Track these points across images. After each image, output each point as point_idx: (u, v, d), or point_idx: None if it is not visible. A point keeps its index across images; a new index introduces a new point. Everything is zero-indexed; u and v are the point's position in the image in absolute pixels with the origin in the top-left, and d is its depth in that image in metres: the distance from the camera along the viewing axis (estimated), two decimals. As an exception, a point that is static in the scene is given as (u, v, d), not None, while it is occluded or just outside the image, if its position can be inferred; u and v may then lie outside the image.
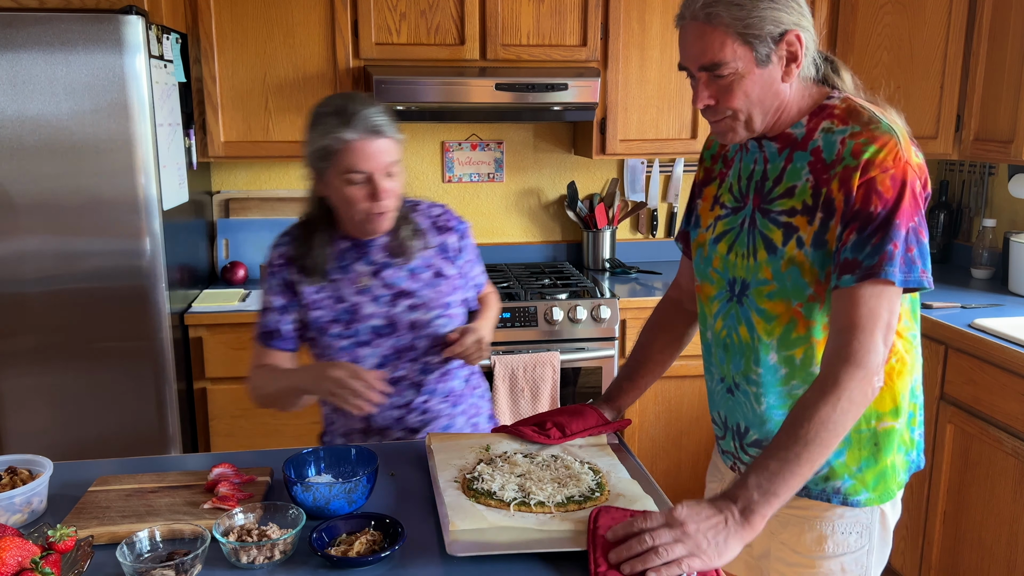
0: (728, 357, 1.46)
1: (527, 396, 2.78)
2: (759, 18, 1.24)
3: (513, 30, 2.91)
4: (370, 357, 1.69)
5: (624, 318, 2.88)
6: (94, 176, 2.37)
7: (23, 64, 2.28)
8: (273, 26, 2.81)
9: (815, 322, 1.33)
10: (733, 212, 1.43)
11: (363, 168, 1.56)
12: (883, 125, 1.27)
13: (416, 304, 1.70)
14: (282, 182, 3.29)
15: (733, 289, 1.43)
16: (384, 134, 1.57)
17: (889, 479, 1.41)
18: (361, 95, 1.62)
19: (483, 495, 1.31)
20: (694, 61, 1.29)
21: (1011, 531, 2.27)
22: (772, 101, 1.31)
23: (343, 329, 1.68)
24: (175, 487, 1.40)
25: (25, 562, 1.07)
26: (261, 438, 2.77)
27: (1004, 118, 2.68)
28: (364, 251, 1.70)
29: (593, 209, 3.34)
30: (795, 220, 1.32)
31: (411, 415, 1.73)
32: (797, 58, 1.28)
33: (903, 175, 1.24)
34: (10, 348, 2.43)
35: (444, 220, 1.77)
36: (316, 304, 1.69)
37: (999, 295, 2.85)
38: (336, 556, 1.18)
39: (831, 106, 1.32)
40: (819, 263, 1.30)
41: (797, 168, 1.32)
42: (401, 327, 1.69)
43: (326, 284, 1.69)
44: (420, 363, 1.71)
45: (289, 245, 1.72)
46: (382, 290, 1.69)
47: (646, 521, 1.15)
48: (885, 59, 2.97)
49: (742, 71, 1.27)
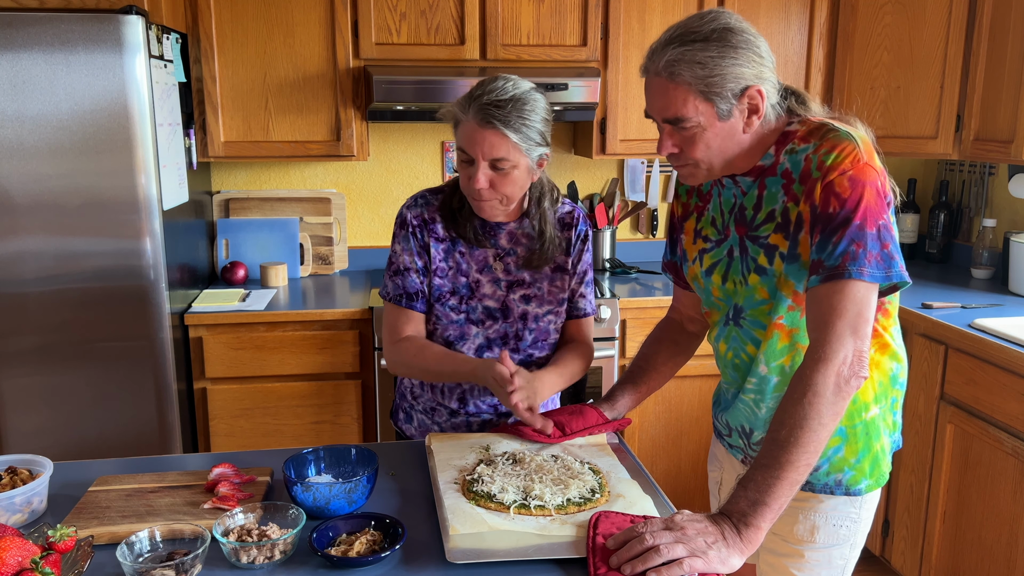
0: (740, 376, 1.51)
1: (527, 396, 2.78)
2: (720, 76, 1.27)
3: (513, 30, 2.91)
4: (477, 337, 1.70)
5: (624, 318, 2.88)
6: (94, 176, 2.37)
7: (23, 64, 2.28)
8: (273, 26, 2.81)
9: (798, 329, 1.38)
10: (716, 245, 1.49)
11: (467, 150, 1.57)
12: (841, 132, 1.31)
13: (530, 295, 1.71)
14: (282, 182, 3.29)
15: (729, 314, 1.48)
16: (493, 126, 1.53)
17: (881, 462, 1.47)
18: (524, 83, 1.59)
19: (483, 498, 1.31)
20: (658, 113, 1.35)
21: (1011, 531, 2.27)
22: (734, 149, 1.35)
23: (459, 303, 1.69)
24: (175, 487, 1.40)
25: (25, 562, 1.07)
26: (261, 438, 2.77)
27: (1004, 118, 2.68)
28: (492, 233, 1.71)
29: (593, 209, 3.34)
30: (772, 239, 1.37)
31: None
32: (759, 110, 1.32)
33: (861, 175, 1.26)
34: (10, 348, 2.43)
35: (570, 217, 1.76)
36: (440, 271, 1.70)
37: (999, 295, 2.85)
38: (336, 556, 1.18)
39: (792, 131, 1.36)
40: (794, 275, 1.34)
41: (772, 192, 1.37)
42: (513, 314, 1.70)
43: (453, 254, 1.70)
44: (523, 354, 1.73)
45: (425, 208, 1.71)
46: (502, 275, 1.70)
47: (646, 525, 1.16)
48: (885, 59, 2.97)
49: (704, 124, 1.31)
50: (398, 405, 1.87)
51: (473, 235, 1.69)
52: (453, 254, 1.70)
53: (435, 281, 1.70)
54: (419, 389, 1.80)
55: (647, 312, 2.89)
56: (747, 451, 1.55)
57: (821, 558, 1.49)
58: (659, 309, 2.89)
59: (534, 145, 1.57)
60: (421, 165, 3.34)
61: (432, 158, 3.34)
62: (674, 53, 1.28)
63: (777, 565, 1.53)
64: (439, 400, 1.77)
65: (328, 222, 3.26)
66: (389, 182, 3.34)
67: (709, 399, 2.99)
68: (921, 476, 2.60)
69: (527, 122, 1.54)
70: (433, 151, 3.34)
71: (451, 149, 3.32)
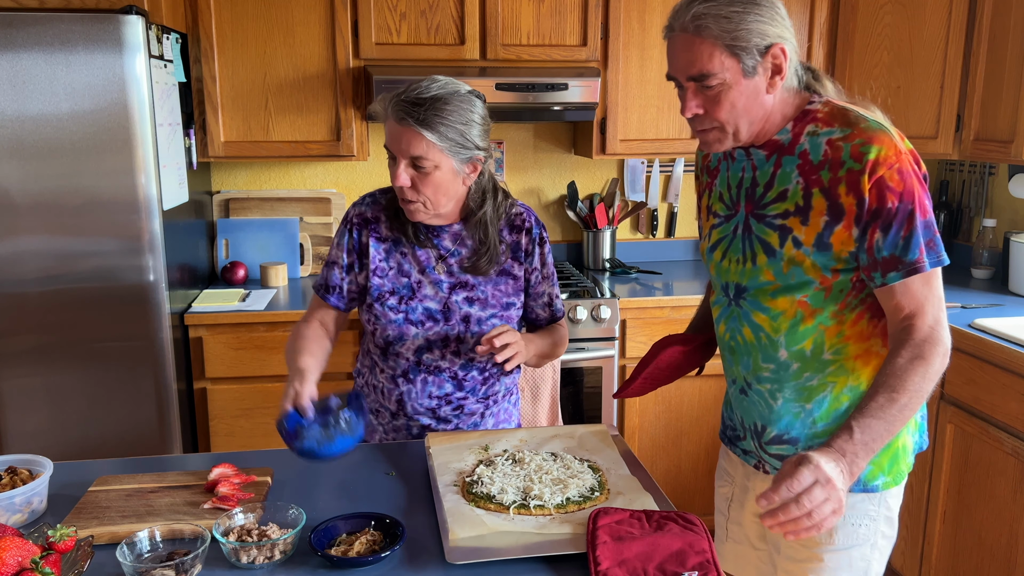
0: (735, 359, 1.49)
1: (527, 396, 2.78)
2: (746, 31, 1.27)
3: (513, 30, 2.91)
4: (417, 338, 1.69)
5: (624, 318, 2.88)
6: (94, 176, 2.37)
7: (23, 64, 2.28)
8: (273, 26, 2.81)
9: (822, 310, 1.36)
10: (725, 220, 1.47)
11: (389, 147, 1.58)
12: (872, 123, 1.31)
13: (473, 298, 1.70)
14: (282, 182, 3.29)
15: (728, 293, 1.47)
16: (408, 123, 1.54)
17: (900, 460, 1.45)
18: (455, 83, 1.62)
19: (482, 499, 1.31)
20: (682, 71, 1.33)
21: (1011, 531, 2.27)
22: (758, 111, 1.34)
23: (398, 303, 1.69)
24: (175, 487, 1.40)
25: (25, 562, 1.07)
26: (261, 438, 2.77)
27: (1004, 118, 2.68)
28: (435, 234, 1.71)
29: (593, 209, 3.34)
30: (788, 222, 1.35)
31: (445, 407, 1.73)
32: (781, 70, 1.32)
33: (905, 166, 1.28)
34: (10, 348, 2.43)
35: (521, 220, 1.75)
36: (380, 271, 1.70)
37: (999, 295, 2.85)
38: (336, 556, 1.18)
39: (814, 111, 1.36)
40: (821, 261, 1.33)
41: (787, 172, 1.36)
42: (454, 316, 1.69)
43: (395, 254, 1.70)
44: (464, 357, 1.71)
45: (371, 207, 1.73)
46: (445, 276, 1.70)
47: (796, 482, 1.14)
48: (885, 59, 2.97)
49: (729, 82, 1.30)
50: None
51: (415, 234, 1.69)
52: (394, 254, 1.70)
53: (375, 281, 1.69)
54: (366, 389, 1.80)
55: (647, 312, 2.89)
56: (760, 453, 1.51)
57: (841, 560, 1.45)
58: (659, 309, 2.89)
59: (456, 147, 1.56)
60: (421, 165, 3.33)
61: (432, 158, 3.34)
62: (700, 7, 1.28)
63: (796, 572, 1.49)
64: (381, 401, 1.76)
65: (328, 222, 3.26)
66: (389, 182, 3.33)
67: (709, 399, 2.99)
68: (921, 476, 2.60)
69: (446, 122, 1.54)
70: (433, 151, 3.33)
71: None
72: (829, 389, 1.40)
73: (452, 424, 1.75)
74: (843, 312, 1.37)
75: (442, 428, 1.74)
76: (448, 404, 1.73)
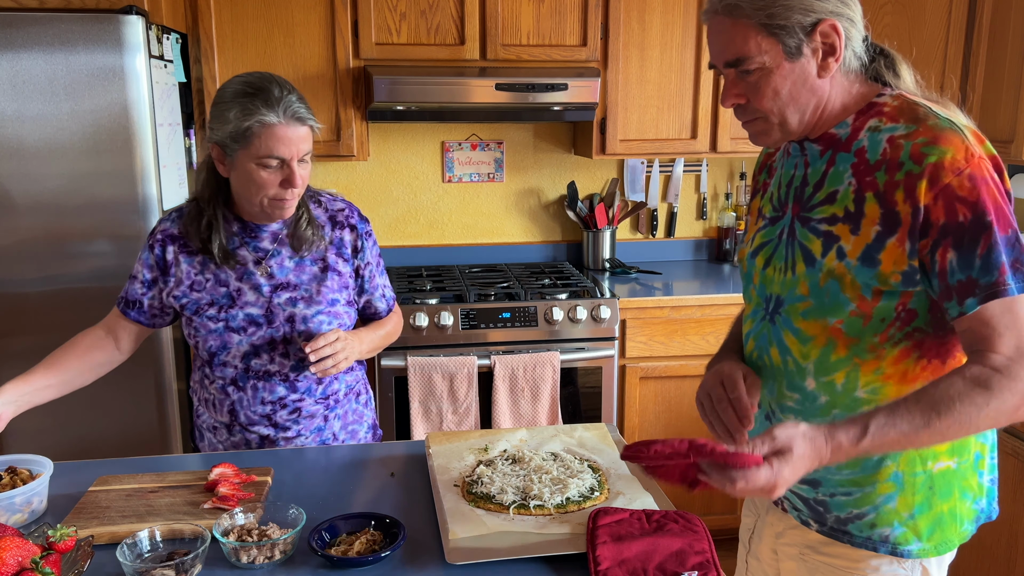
0: (763, 381, 1.32)
1: (527, 396, 2.78)
2: (784, 6, 1.12)
3: (513, 30, 2.91)
4: (241, 344, 1.65)
5: (624, 318, 2.88)
6: (94, 176, 2.37)
7: (23, 64, 2.28)
8: (273, 26, 2.81)
9: (858, 340, 1.19)
10: (771, 223, 1.31)
11: (281, 153, 1.53)
12: (942, 120, 1.13)
13: (297, 297, 1.67)
14: (282, 182, 3.28)
15: (768, 307, 1.30)
16: (305, 121, 1.55)
17: (947, 527, 1.24)
18: (278, 77, 1.58)
19: (482, 499, 1.31)
20: (719, 57, 1.19)
21: (1011, 531, 2.27)
22: (808, 98, 1.18)
23: (217, 312, 1.65)
24: (175, 487, 1.40)
25: (25, 562, 1.07)
26: (261, 438, 2.77)
27: (1004, 118, 2.68)
28: (253, 235, 1.67)
29: (593, 209, 3.34)
30: (835, 228, 1.19)
31: (282, 411, 1.69)
32: (835, 50, 1.15)
33: (981, 172, 1.09)
34: (10, 348, 2.43)
35: (344, 216, 1.74)
36: (196, 285, 1.66)
37: (999, 295, 2.84)
38: (336, 556, 1.18)
39: (881, 103, 1.19)
40: (863, 278, 1.16)
41: (839, 171, 1.20)
42: (278, 319, 1.66)
43: (209, 265, 1.66)
44: (294, 359, 1.67)
45: (175, 222, 1.69)
46: (265, 279, 1.66)
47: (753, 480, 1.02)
48: (885, 59, 2.96)
49: (769, 65, 1.15)
50: (195, 424, 1.84)
51: (223, 255, 1.64)
52: (209, 265, 1.66)
53: (192, 296, 1.66)
54: (201, 408, 1.77)
55: (647, 312, 2.89)
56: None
57: None
58: (659, 309, 2.89)
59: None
60: (421, 165, 3.34)
61: (432, 158, 3.34)
62: None
63: None
64: (216, 417, 1.73)
65: (328, 222, 3.26)
66: (389, 182, 3.34)
67: (709, 399, 2.98)
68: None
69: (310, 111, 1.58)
70: (433, 151, 3.34)
71: (451, 149, 3.33)
72: None
73: (293, 431, 1.70)
74: (883, 346, 1.18)
75: (283, 437, 1.69)
76: (283, 408, 1.69)
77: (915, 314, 1.17)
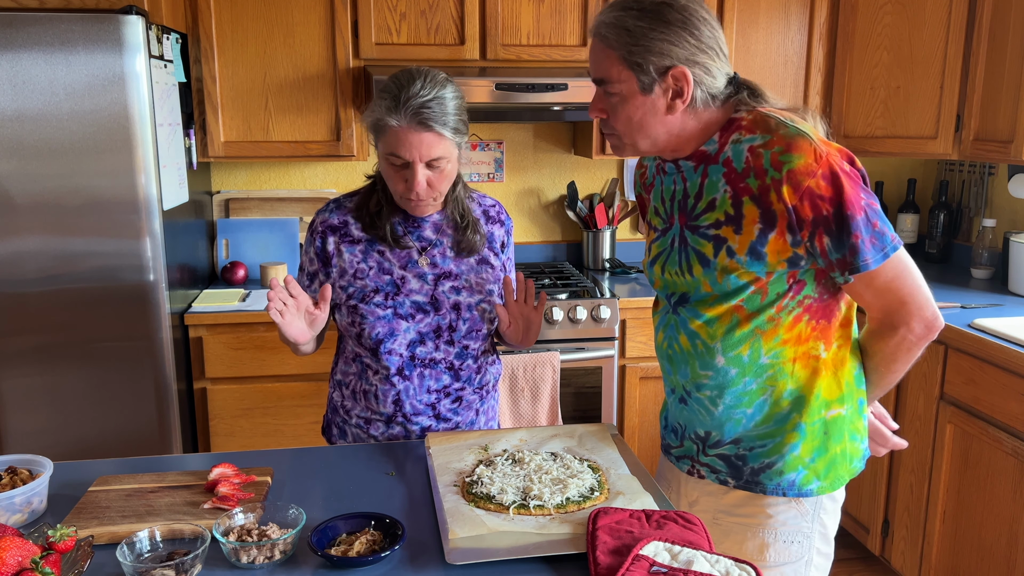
0: (673, 368, 1.48)
1: (527, 396, 2.78)
2: (644, 48, 1.28)
3: (513, 30, 2.91)
4: (409, 331, 1.68)
5: (624, 318, 2.88)
6: (94, 176, 2.37)
7: (23, 64, 2.28)
8: (273, 26, 2.81)
9: (758, 314, 1.35)
10: (663, 234, 1.47)
11: (403, 155, 1.55)
12: (791, 128, 1.29)
13: (459, 286, 1.70)
14: (282, 182, 3.29)
15: (671, 302, 1.47)
16: (430, 128, 1.53)
17: (839, 466, 1.43)
18: (438, 75, 1.58)
19: (482, 499, 1.31)
20: (591, 72, 1.37)
21: (1011, 531, 2.27)
22: (658, 129, 1.34)
23: (384, 299, 1.67)
24: (175, 487, 1.40)
25: (25, 562, 1.07)
26: (261, 438, 2.77)
27: (1004, 118, 2.68)
28: (416, 225, 1.70)
29: (593, 209, 3.34)
30: (722, 231, 1.34)
31: (445, 400, 1.72)
32: (683, 94, 1.30)
33: (831, 167, 1.26)
34: (10, 348, 2.43)
35: (496, 212, 1.80)
36: (360, 273, 1.68)
37: (999, 295, 2.85)
38: (336, 556, 1.18)
39: (739, 118, 1.34)
40: (756, 268, 1.32)
41: (713, 181, 1.35)
42: (444, 306, 1.69)
43: (372, 253, 1.69)
44: (458, 346, 1.71)
45: (335, 213, 1.71)
46: (428, 268, 1.70)
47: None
48: (885, 59, 2.97)
49: (626, 94, 1.32)
50: (330, 420, 1.84)
51: (392, 237, 1.68)
52: (372, 253, 1.69)
53: (356, 283, 1.67)
54: (350, 402, 1.76)
55: (647, 312, 2.89)
56: (696, 459, 1.49)
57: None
58: (659, 309, 2.89)
59: (461, 136, 1.59)
60: (421, 165, 3.33)
61: (432, 158, 3.34)
62: (609, 16, 1.31)
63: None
64: (374, 408, 1.72)
65: (328, 222, 3.26)
66: (389, 182, 3.34)
67: (709, 399, 2.99)
68: (921, 476, 2.60)
69: (453, 115, 1.55)
70: (433, 151, 3.33)
71: (451, 149, 3.32)
72: (769, 393, 1.39)
73: (452, 422, 1.74)
74: (779, 315, 1.35)
75: (442, 427, 1.73)
76: (447, 396, 1.72)
77: (804, 284, 1.35)
